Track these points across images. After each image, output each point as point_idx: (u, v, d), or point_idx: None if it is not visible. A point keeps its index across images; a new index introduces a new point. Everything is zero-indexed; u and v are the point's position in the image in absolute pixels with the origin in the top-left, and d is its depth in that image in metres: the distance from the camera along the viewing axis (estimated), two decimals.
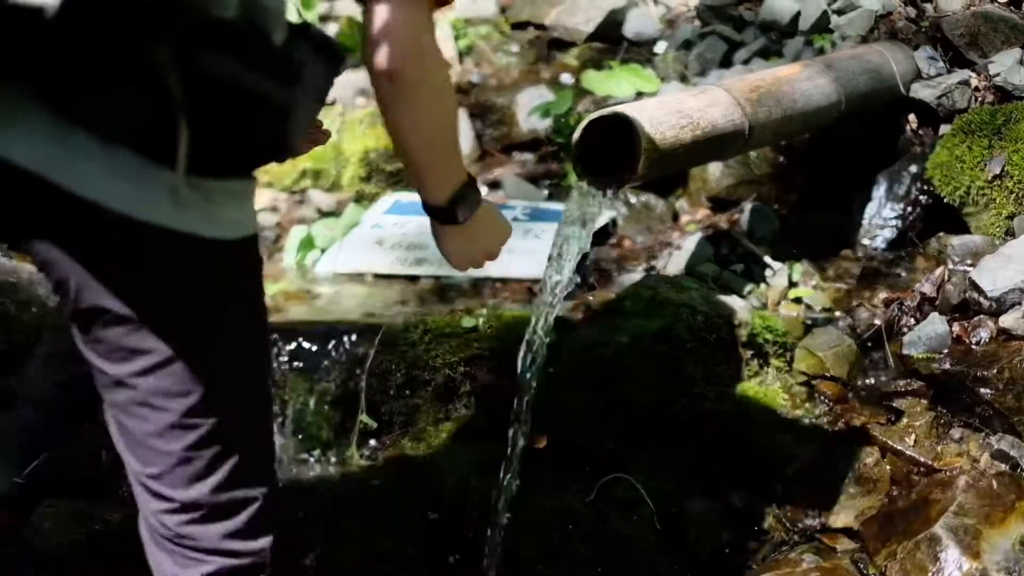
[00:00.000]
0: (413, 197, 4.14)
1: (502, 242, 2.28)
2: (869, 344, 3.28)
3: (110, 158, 1.60)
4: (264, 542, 1.87)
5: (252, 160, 1.74)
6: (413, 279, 3.63)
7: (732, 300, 3.35)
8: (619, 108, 2.94)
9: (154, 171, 1.61)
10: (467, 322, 3.10)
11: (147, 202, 1.63)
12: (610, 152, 2.88)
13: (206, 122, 1.60)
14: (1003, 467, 2.84)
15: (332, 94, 3.99)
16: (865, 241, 3.75)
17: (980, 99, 3.89)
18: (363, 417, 3.00)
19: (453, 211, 2.00)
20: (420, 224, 3.86)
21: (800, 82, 3.55)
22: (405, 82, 1.80)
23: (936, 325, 3.14)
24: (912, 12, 4.29)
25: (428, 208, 2.02)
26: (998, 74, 3.87)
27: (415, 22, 1.78)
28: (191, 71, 1.57)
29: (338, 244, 3.82)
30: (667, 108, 3.08)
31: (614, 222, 3.90)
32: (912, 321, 3.27)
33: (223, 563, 1.84)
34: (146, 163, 1.61)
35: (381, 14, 1.77)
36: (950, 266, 3.36)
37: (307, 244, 3.80)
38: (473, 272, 3.48)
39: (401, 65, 1.78)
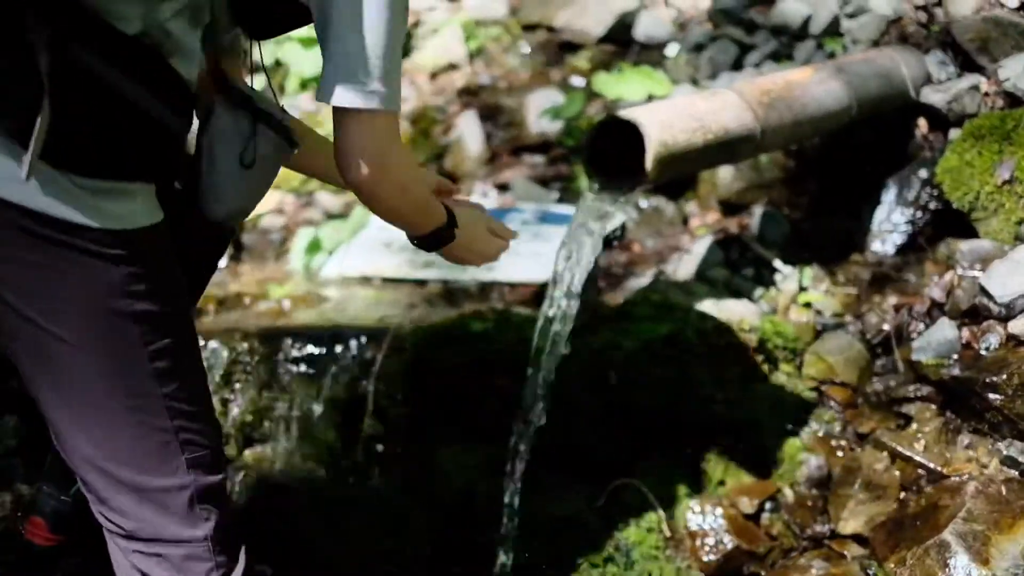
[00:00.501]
0: None
1: (493, 250, 2.41)
2: (879, 349, 3.28)
3: None
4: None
5: (119, 167, 1.75)
6: (421, 283, 3.63)
7: (742, 305, 3.35)
8: (630, 111, 2.94)
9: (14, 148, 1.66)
10: (475, 326, 3.10)
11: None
12: (621, 155, 2.88)
13: (72, 114, 1.65)
14: (1012, 473, 2.83)
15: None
16: (875, 246, 3.74)
17: (990, 104, 3.88)
18: (370, 420, 3.00)
19: (427, 244, 2.18)
20: None
21: (811, 86, 3.54)
22: (372, 191, 1.92)
23: (945, 330, 3.14)
24: (923, 17, 4.28)
25: (409, 238, 2.18)
26: (1008, 79, 3.86)
27: (380, 138, 1.88)
28: (63, 62, 1.63)
29: (345, 247, 3.82)
30: (678, 111, 3.07)
31: (624, 226, 3.89)
32: (921, 326, 3.26)
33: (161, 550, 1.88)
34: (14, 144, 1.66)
35: (350, 128, 1.85)
36: (959, 271, 3.36)
37: (314, 247, 3.81)
38: (480, 276, 3.52)
39: (368, 179, 1.88)
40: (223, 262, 2.02)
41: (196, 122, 1.95)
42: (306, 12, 1.88)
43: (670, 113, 3.03)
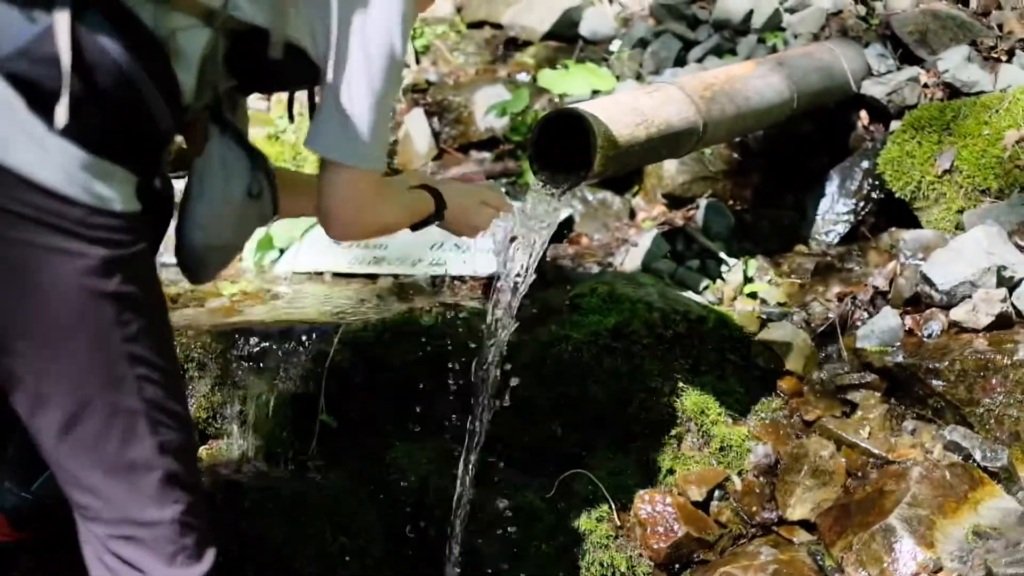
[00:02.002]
0: None
1: (483, 222, 2.62)
2: (823, 338, 3.32)
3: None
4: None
5: (114, 147, 1.80)
6: (372, 278, 3.64)
7: (688, 296, 3.38)
8: (575, 106, 2.96)
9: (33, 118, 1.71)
10: (426, 320, 3.12)
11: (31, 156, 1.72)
12: (567, 150, 2.90)
13: (86, 85, 1.71)
14: (956, 458, 2.88)
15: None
16: (819, 236, 3.80)
17: (929, 95, 3.94)
18: (323, 416, 3.00)
19: (417, 228, 2.45)
20: None
21: (753, 80, 3.59)
22: (346, 236, 2.27)
23: (889, 319, 3.19)
24: (862, 10, 4.34)
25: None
26: (947, 71, 3.93)
27: (363, 193, 2.10)
28: (84, 22, 1.70)
29: (297, 244, 3.82)
30: (622, 106, 3.11)
31: (571, 219, 3.92)
32: (865, 315, 3.31)
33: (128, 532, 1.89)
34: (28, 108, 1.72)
35: (336, 179, 2.07)
36: (902, 260, 3.41)
37: (266, 244, 3.80)
38: (429, 270, 3.53)
39: (345, 228, 2.18)
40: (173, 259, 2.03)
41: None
42: (303, 76, 2.06)
43: (614, 108, 3.06)
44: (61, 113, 1.68)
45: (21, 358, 1.79)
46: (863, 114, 4.02)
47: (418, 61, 4.91)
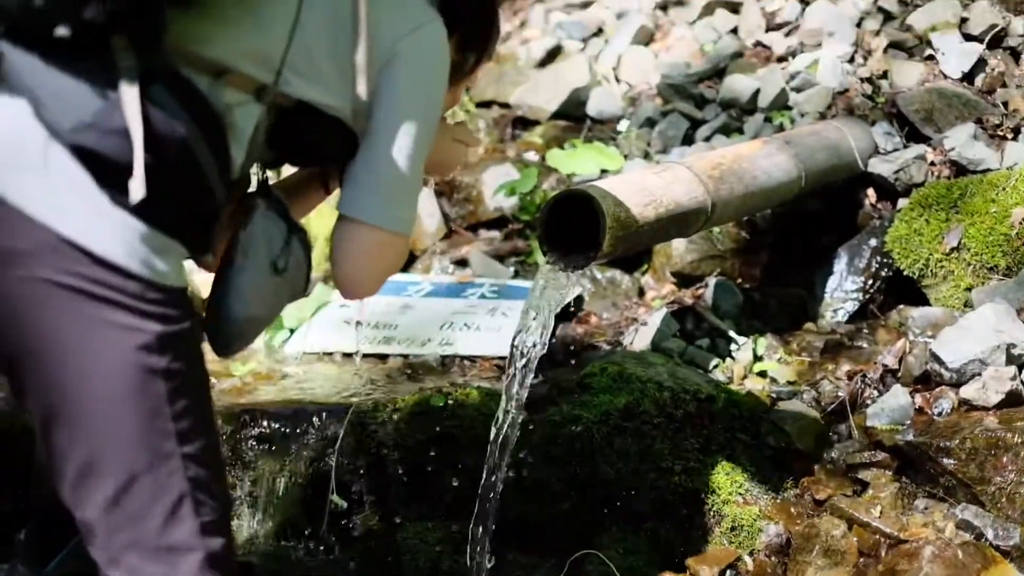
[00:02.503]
0: None
1: (455, 161, 2.69)
2: (834, 416, 3.31)
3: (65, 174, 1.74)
4: None
5: (177, 221, 1.82)
6: (382, 358, 3.65)
7: (698, 375, 3.39)
8: (584, 186, 2.98)
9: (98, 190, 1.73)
10: (436, 401, 3.12)
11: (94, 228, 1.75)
12: (576, 229, 2.92)
13: (153, 159, 1.72)
14: (968, 537, 2.87)
15: None
16: (828, 314, 3.80)
17: (936, 173, 3.96)
18: (333, 497, 3.00)
19: None
20: (387, 303, 3.90)
21: (761, 159, 3.61)
22: (357, 294, 2.21)
23: (899, 397, 3.19)
24: (868, 89, 4.38)
25: None
26: (953, 148, 3.95)
27: (392, 257, 2.15)
28: (150, 93, 1.72)
29: (307, 324, 3.84)
30: (631, 186, 3.12)
31: (580, 298, 3.94)
32: (875, 393, 3.31)
33: None
34: (92, 180, 1.74)
35: (364, 239, 2.09)
36: (911, 338, 3.42)
37: (276, 324, 3.82)
38: (440, 350, 3.54)
39: (364, 294, 2.21)
40: None
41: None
42: (340, 149, 2.09)
43: (623, 188, 3.08)
44: (137, 188, 1.71)
45: (72, 430, 1.80)
46: (870, 192, 4.04)
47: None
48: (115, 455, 1.82)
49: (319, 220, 4.29)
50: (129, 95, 1.70)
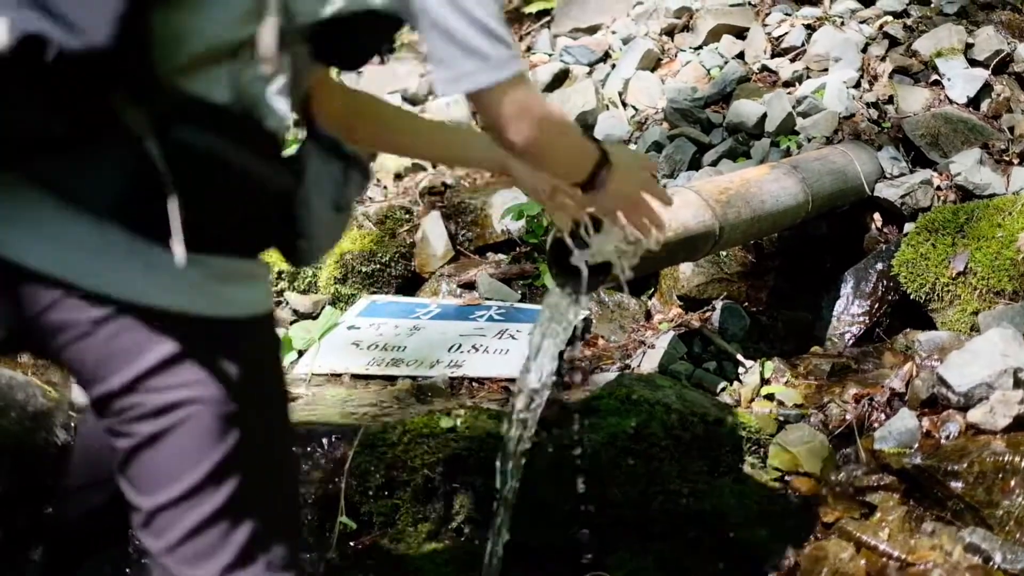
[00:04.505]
0: (388, 298, 4.20)
1: (644, 180, 2.46)
2: (841, 440, 3.32)
3: (101, 239, 1.64)
4: None
5: (248, 241, 1.76)
6: (390, 379, 3.66)
7: (705, 398, 3.40)
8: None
9: (144, 246, 1.64)
10: (445, 422, 3.13)
11: (148, 284, 1.66)
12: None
13: (192, 196, 1.62)
14: (975, 560, 2.87)
15: None
16: (834, 337, 3.82)
17: (942, 198, 3.99)
18: (343, 518, 3.01)
19: (591, 182, 2.25)
20: (396, 325, 3.92)
21: (768, 183, 3.63)
22: (541, 149, 2.01)
23: (906, 420, 3.20)
24: (874, 114, 4.40)
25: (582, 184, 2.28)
26: (959, 173, 3.98)
27: (521, 100, 1.93)
28: (174, 143, 1.60)
29: (316, 346, 3.85)
30: None
31: (588, 321, 3.95)
32: (882, 416, 3.32)
33: None
34: (136, 239, 1.64)
35: (491, 104, 1.92)
36: (918, 361, 3.43)
37: (285, 346, 3.83)
38: (448, 372, 3.55)
39: (532, 140, 1.96)
40: None
41: None
42: (388, 27, 1.91)
43: None
44: (179, 252, 1.62)
45: (164, 478, 1.78)
46: (877, 216, 4.06)
47: (435, 165, 4.97)
48: (201, 493, 1.78)
49: None
50: (152, 151, 1.60)
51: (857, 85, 4.57)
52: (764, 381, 3.54)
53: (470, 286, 4.25)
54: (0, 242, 1.63)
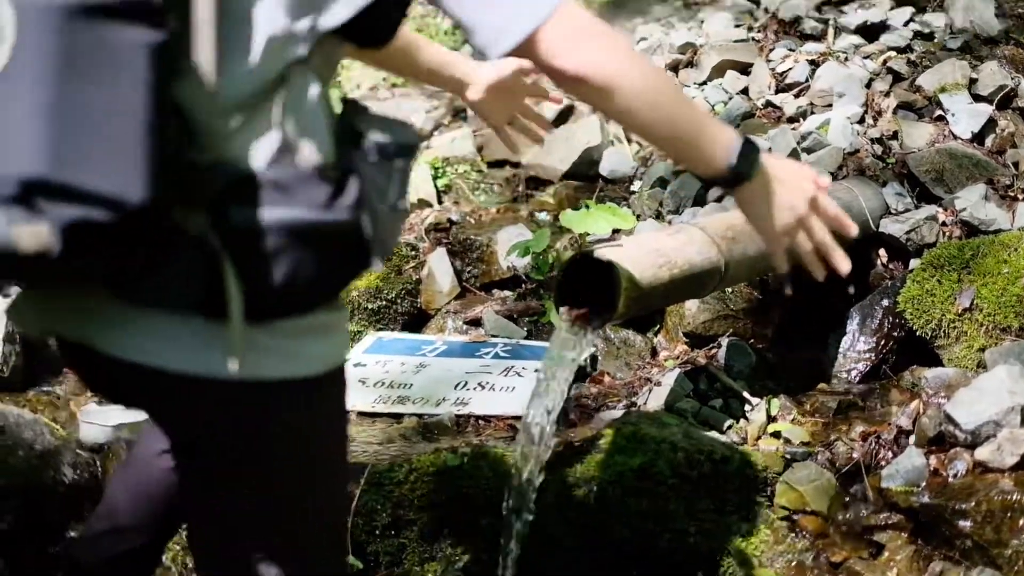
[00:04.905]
0: (394, 335, 4.21)
1: (811, 184, 2.09)
2: (848, 478, 3.31)
3: (175, 326, 1.67)
4: None
5: (325, 290, 1.75)
6: (396, 417, 3.66)
7: (712, 436, 3.39)
8: (599, 248, 3.01)
9: (214, 327, 1.65)
10: (451, 461, 3.14)
11: (214, 359, 1.67)
12: (591, 289, 2.94)
13: (258, 268, 1.63)
14: None
15: None
16: (841, 374, 3.81)
17: (948, 233, 3.99)
18: (350, 558, 3.01)
19: (737, 172, 1.96)
20: (402, 363, 3.92)
21: None
22: (605, 79, 1.78)
23: (913, 458, 3.19)
24: (879, 149, 4.41)
25: (714, 181, 2.05)
26: (964, 209, 3.98)
27: (578, 25, 1.77)
28: (232, 228, 1.61)
29: None
30: (645, 248, 3.15)
31: (594, 358, 3.95)
32: (890, 454, 3.31)
33: None
34: (206, 322, 1.66)
35: (542, 47, 1.74)
36: (925, 398, 3.42)
37: None
38: (455, 410, 3.55)
39: (601, 73, 1.77)
40: None
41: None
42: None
43: (637, 250, 3.10)
44: (234, 364, 1.66)
45: (250, 542, 1.84)
46: (882, 252, 4.06)
47: (440, 200, 4.98)
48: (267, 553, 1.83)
49: None
50: (225, 263, 1.62)
51: (861, 121, 4.57)
52: (771, 419, 3.54)
53: (476, 323, 4.25)
54: (101, 341, 1.70)
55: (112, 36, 1.47)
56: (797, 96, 4.90)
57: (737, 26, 5.54)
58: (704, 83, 5.23)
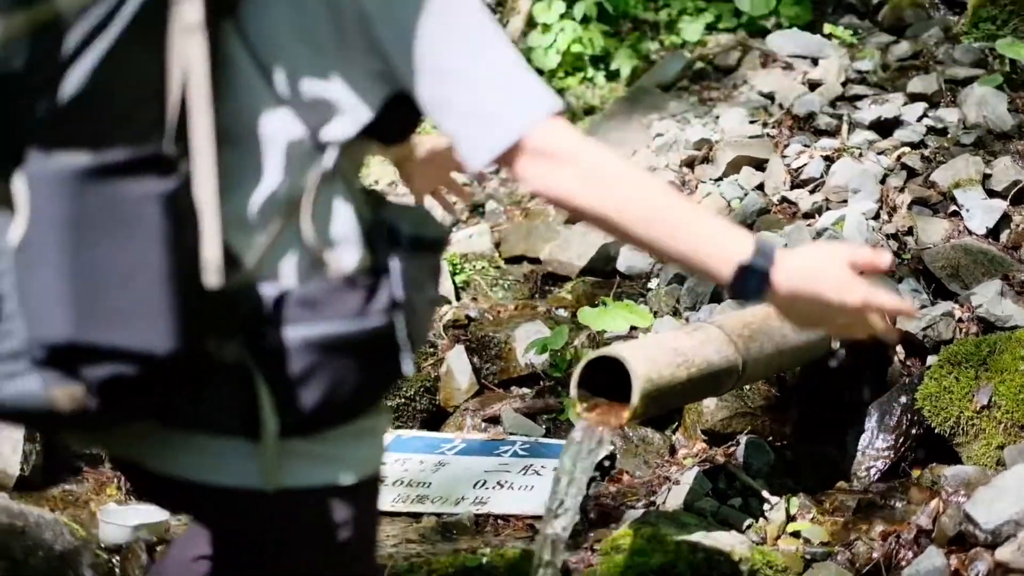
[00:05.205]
0: (413, 433, 4.21)
1: (848, 275, 1.79)
2: None
3: (218, 444, 1.70)
4: None
5: (365, 398, 1.75)
6: (415, 516, 3.66)
7: (731, 535, 3.38)
8: (616, 349, 3.03)
9: (256, 444, 1.67)
10: (471, 561, 3.14)
11: (256, 474, 1.70)
12: (608, 388, 2.95)
13: (296, 387, 1.64)
14: None
15: None
16: (860, 472, 3.80)
17: (964, 330, 3.99)
18: None
19: (743, 283, 1.75)
20: (421, 460, 3.93)
21: None
22: (582, 207, 1.71)
23: (933, 558, 3.18)
24: (894, 245, 4.43)
25: (730, 290, 1.79)
26: (980, 305, 3.99)
27: (548, 145, 1.67)
28: (268, 351, 1.63)
29: None
30: (663, 347, 3.17)
31: (613, 456, 3.95)
32: (910, 554, 3.30)
33: None
34: (247, 440, 1.68)
35: (523, 170, 1.68)
36: (944, 497, 3.41)
37: None
38: (473, 509, 3.55)
39: (576, 195, 1.70)
40: None
41: None
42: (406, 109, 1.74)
43: (655, 349, 3.13)
44: (269, 481, 1.69)
45: None
46: (900, 349, 4.06)
47: (458, 297, 5.01)
48: None
49: None
50: (261, 386, 1.65)
51: (876, 216, 4.60)
52: (790, 518, 3.53)
53: (495, 420, 4.26)
54: (150, 460, 1.74)
55: (123, 193, 1.50)
56: (812, 192, 4.94)
57: (752, 122, 5.59)
58: (720, 179, 5.27)
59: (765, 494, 3.63)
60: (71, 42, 1.47)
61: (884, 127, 5.22)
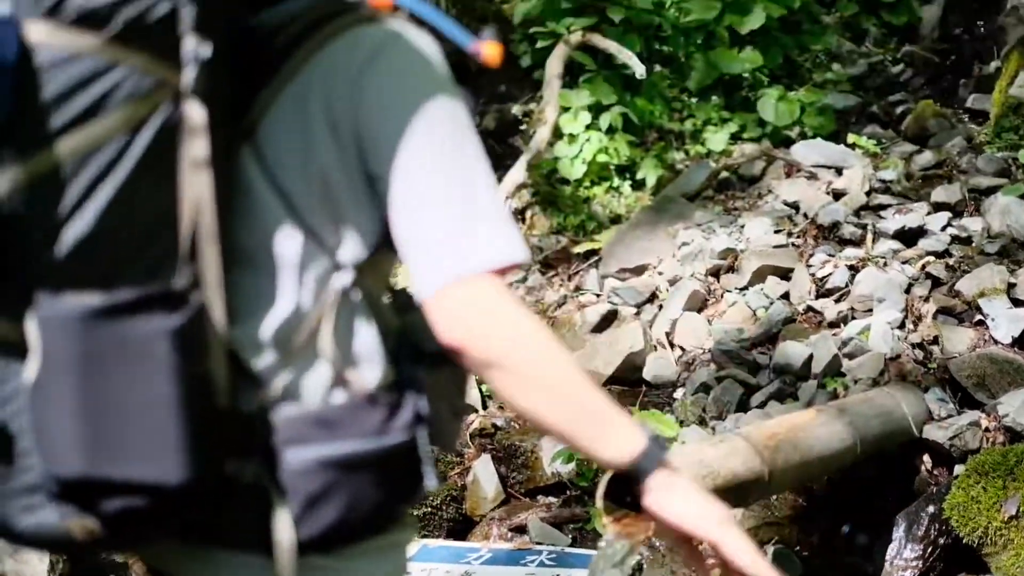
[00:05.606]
0: (440, 543, 4.21)
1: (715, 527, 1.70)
2: None
3: (239, 559, 1.69)
4: None
5: (385, 515, 1.74)
6: None
7: None
8: None
9: (271, 560, 1.66)
10: None
11: None
12: (635, 496, 2.95)
13: (315, 506, 1.64)
14: None
15: None
16: None
17: (991, 439, 3.99)
18: None
19: (636, 473, 1.72)
20: (447, 571, 3.92)
21: (816, 428, 3.66)
22: (485, 361, 1.61)
23: None
24: (920, 355, 4.44)
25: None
26: (1007, 415, 3.99)
27: (468, 304, 1.60)
28: (282, 470, 1.63)
29: None
30: (688, 458, 3.19)
31: (640, 567, 3.94)
32: None
33: None
34: (264, 557, 1.66)
35: (434, 316, 1.62)
36: None
37: None
38: None
39: (490, 367, 1.61)
40: None
41: None
42: None
43: (680, 460, 3.13)
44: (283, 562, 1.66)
45: None
46: (926, 458, 4.06)
47: (485, 406, 5.03)
48: None
49: None
50: (280, 507, 1.64)
51: (902, 326, 4.62)
52: None
53: (521, 530, 4.26)
54: (177, 570, 1.75)
55: (132, 330, 1.51)
56: (837, 301, 4.96)
57: (777, 231, 5.64)
58: (745, 288, 5.31)
59: None
60: (76, 188, 1.49)
61: (908, 236, 5.25)
